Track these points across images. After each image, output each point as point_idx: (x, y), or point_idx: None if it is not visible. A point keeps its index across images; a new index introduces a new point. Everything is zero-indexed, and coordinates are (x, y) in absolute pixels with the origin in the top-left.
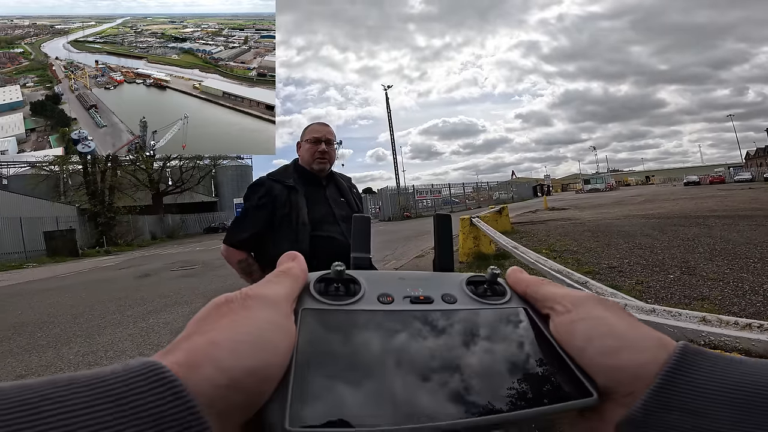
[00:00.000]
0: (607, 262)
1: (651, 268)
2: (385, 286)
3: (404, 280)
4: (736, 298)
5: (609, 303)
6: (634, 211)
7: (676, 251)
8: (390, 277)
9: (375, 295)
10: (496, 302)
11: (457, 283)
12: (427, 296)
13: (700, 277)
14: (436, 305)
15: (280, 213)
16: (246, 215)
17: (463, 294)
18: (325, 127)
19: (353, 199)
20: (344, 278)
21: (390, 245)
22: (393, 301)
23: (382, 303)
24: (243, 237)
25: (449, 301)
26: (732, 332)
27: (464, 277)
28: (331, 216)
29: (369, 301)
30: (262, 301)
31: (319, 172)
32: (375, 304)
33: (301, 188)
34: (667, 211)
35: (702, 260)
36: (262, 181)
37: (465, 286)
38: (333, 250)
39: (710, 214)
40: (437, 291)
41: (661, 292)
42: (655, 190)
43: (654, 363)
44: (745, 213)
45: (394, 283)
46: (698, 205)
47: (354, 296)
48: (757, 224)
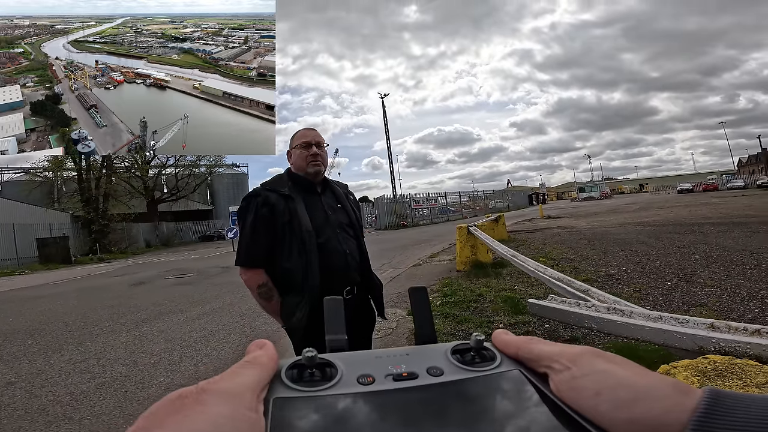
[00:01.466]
0: (604, 270)
1: (648, 275)
2: (364, 366)
3: (384, 358)
4: (734, 304)
5: (609, 355)
6: (629, 218)
7: (673, 258)
8: (368, 356)
9: (354, 377)
10: (486, 368)
11: (442, 353)
12: (411, 372)
13: (697, 284)
14: (421, 380)
15: (281, 222)
16: (252, 229)
17: (449, 364)
18: (312, 131)
19: (350, 207)
20: (318, 362)
21: (387, 254)
22: (374, 382)
23: (362, 384)
24: (259, 253)
25: (435, 374)
26: (742, 338)
27: (449, 346)
28: (329, 224)
29: (347, 384)
30: (220, 395)
31: (314, 176)
32: (354, 386)
33: (297, 196)
34: (662, 219)
35: (699, 267)
36: (258, 192)
37: (450, 355)
38: (333, 258)
39: (705, 221)
40: (421, 365)
41: (660, 300)
42: (649, 198)
43: (680, 410)
44: (739, 220)
45: (373, 362)
46: (692, 212)
47: (330, 380)
48: (752, 231)
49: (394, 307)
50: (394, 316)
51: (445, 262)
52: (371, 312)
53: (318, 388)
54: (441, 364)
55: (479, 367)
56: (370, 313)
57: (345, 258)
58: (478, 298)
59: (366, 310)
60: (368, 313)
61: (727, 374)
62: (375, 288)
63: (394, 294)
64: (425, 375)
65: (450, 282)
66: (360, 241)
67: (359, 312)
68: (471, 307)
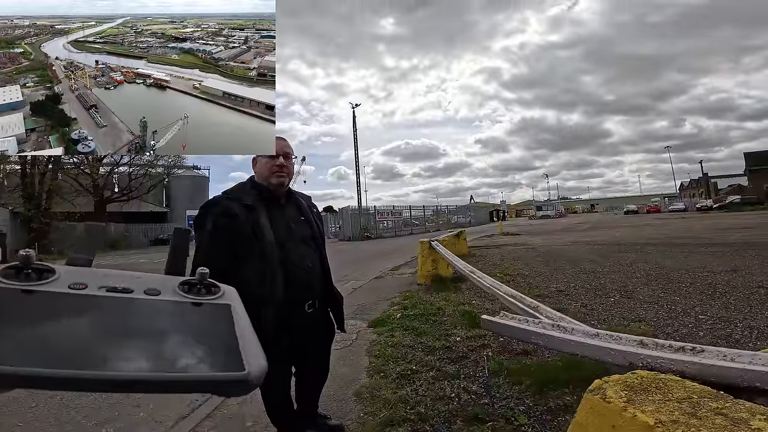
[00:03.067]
0: (555, 286)
1: (594, 291)
2: (84, 277)
3: (112, 276)
4: (669, 319)
5: None
6: (580, 237)
7: (616, 276)
8: (97, 272)
9: (67, 282)
10: (203, 298)
11: (171, 281)
12: (127, 287)
13: (637, 300)
14: (134, 295)
15: (243, 233)
16: (211, 240)
17: (170, 290)
18: (281, 141)
19: (313, 219)
20: (36, 266)
21: (350, 266)
22: (85, 288)
23: (71, 289)
24: (219, 265)
25: (151, 293)
26: (667, 354)
27: (180, 279)
28: (292, 236)
29: (55, 286)
30: None
31: (277, 187)
32: (61, 288)
33: (260, 207)
34: (609, 238)
35: (639, 284)
36: (218, 201)
37: (177, 285)
38: (296, 271)
39: (647, 241)
40: (142, 285)
41: (603, 314)
42: (599, 218)
43: None
44: (678, 241)
45: (96, 275)
46: (637, 232)
47: (41, 281)
48: (689, 251)
49: (354, 319)
50: (354, 328)
51: (406, 275)
52: (331, 325)
53: (14, 282)
54: (163, 288)
55: (199, 296)
56: (330, 326)
57: (307, 271)
58: (437, 312)
59: (326, 323)
60: (328, 326)
61: (652, 389)
62: (335, 302)
63: (355, 305)
64: (140, 293)
65: (411, 295)
66: (322, 253)
67: (319, 325)
68: (430, 320)
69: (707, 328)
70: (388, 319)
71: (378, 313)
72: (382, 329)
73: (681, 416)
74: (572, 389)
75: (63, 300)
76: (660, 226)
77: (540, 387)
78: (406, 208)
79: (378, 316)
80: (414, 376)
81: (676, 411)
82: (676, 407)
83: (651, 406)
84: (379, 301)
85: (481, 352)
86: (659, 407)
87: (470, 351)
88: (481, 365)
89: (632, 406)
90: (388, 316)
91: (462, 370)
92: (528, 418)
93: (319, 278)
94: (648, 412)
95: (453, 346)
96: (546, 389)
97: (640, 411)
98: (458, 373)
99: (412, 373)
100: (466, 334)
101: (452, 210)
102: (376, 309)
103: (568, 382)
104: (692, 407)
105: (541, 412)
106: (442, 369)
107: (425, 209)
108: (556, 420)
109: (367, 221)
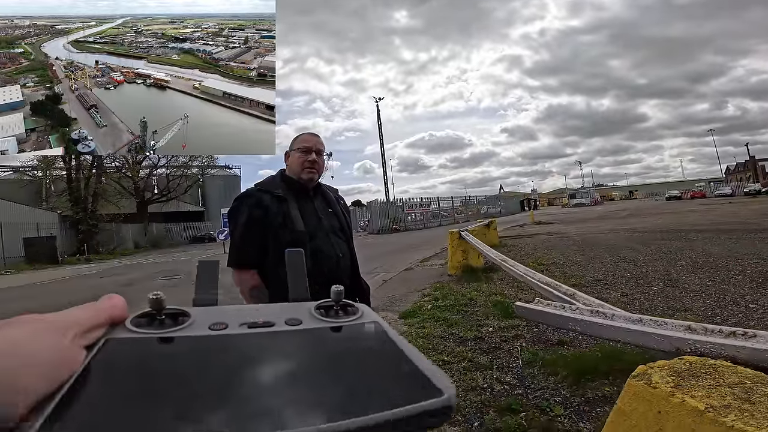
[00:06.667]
0: (592, 275)
1: (635, 280)
2: (220, 316)
3: (245, 311)
4: (718, 309)
5: None
6: (618, 225)
7: (659, 264)
8: (228, 309)
9: (206, 324)
10: (346, 320)
11: (306, 308)
12: (267, 321)
13: (682, 289)
14: (277, 328)
15: (275, 223)
16: (244, 230)
17: (310, 317)
18: (315, 137)
19: (341, 211)
20: (168, 311)
21: (379, 258)
22: (226, 328)
23: (213, 330)
24: (251, 253)
25: (293, 323)
26: (717, 340)
27: (313, 304)
28: (321, 227)
29: (196, 330)
30: (38, 322)
31: (307, 182)
32: (204, 332)
33: (290, 198)
34: (651, 225)
35: (684, 273)
36: (250, 193)
37: (314, 310)
38: (325, 262)
39: (692, 228)
40: (281, 316)
41: (645, 304)
42: (638, 205)
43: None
44: (725, 227)
45: (231, 313)
46: (680, 219)
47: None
48: (737, 238)
49: (385, 311)
50: (385, 319)
51: (436, 267)
52: None
53: (157, 330)
54: (302, 316)
55: (340, 319)
56: None
57: (337, 262)
58: (468, 302)
59: None
60: None
61: (701, 374)
62: (363, 292)
63: (385, 297)
64: (282, 324)
65: (441, 286)
66: (350, 244)
67: None
68: (461, 311)
69: (758, 317)
70: (418, 311)
71: (409, 305)
72: (413, 320)
73: (733, 401)
74: (612, 380)
75: (205, 342)
76: (705, 212)
77: (577, 377)
78: (434, 200)
79: (408, 307)
80: (445, 367)
81: (728, 396)
82: (728, 392)
83: (701, 392)
84: (410, 293)
85: (515, 342)
86: (710, 392)
87: (503, 342)
88: (514, 356)
89: (680, 391)
90: (418, 308)
91: (495, 361)
92: (564, 409)
93: (347, 268)
94: (698, 398)
95: (485, 336)
96: (583, 380)
97: (689, 396)
98: (491, 363)
99: (443, 363)
100: (498, 324)
101: (481, 200)
102: (407, 300)
103: (607, 372)
104: (745, 392)
105: (578, 403)
106: (474, 360)
107: (453, 200)
108: (594, 411)
109: (395, 214)
